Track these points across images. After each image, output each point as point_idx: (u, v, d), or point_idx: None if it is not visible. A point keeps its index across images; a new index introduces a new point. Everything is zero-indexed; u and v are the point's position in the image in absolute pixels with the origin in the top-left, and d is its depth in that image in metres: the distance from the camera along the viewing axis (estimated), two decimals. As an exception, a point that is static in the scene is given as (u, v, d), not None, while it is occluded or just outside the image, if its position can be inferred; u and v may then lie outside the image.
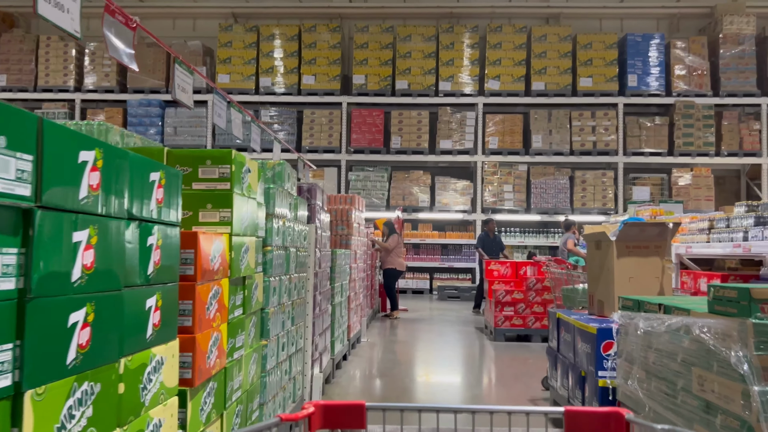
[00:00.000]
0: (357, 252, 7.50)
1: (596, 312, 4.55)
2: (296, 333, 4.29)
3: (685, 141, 14.79)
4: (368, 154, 15.19)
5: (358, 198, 7.70)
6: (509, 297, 8.26)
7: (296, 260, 4.21)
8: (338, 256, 6.10)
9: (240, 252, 2.82)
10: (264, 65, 15.30)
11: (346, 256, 6.66)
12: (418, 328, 9.60)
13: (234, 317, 2.80)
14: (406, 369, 6.64)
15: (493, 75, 15.11)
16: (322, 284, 5.31)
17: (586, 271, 6.25)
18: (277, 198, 3.65)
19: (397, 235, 10.69)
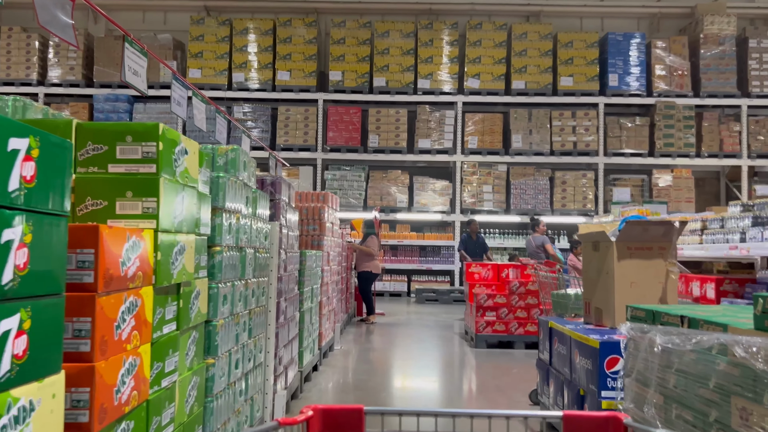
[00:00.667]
0: (330, 253, 6.91)
1: (593, 321, 4.03)
2: (255, 346, 3.69)
3: (665, 142, 14.45)
4: (345, 153, 14.60)
5: (331, 196, 7.11)
6: (491, 301, 7.73)
7: (255, 263, 3.62)
8: (308, 257, 5.51)
9: (171, 253, 2.23)
10: (237, 60, 14.64)
11: (317, 257, 6.08)
12: (396, 333, 9.03)
13: (162, 335, 2.21)
14: (382, 380, 6.07)
15: (472, 73, 14.63)
16: (289, 289, 4.72)
17: (575, 275, 5.74)
18: (228, 189, 3.06)
19: (375, 237, 10.11)
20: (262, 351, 3.88)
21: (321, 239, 6.51)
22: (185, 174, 2.39)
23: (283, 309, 4.45)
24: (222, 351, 3.03)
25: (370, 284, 10.17)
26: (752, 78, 14.48)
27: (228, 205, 3.07)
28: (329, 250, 6.87)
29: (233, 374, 3.23)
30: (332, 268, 7.19)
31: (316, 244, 6.50)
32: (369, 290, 10.20)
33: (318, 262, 6.16)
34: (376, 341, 8.33)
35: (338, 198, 7.51)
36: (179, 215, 2.32)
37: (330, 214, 6.98)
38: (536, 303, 7.70)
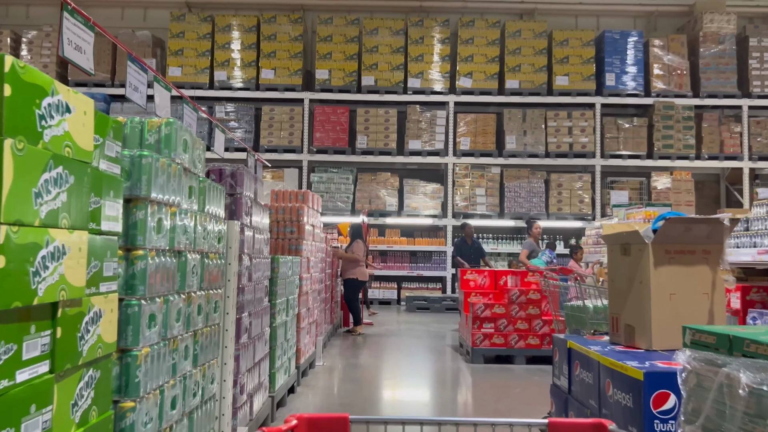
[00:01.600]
0: (311, 259, 6.12)
1: (623, 341, 3.26)
2: (203, 376, 2.89)
3: (664, 143, 13.78)
4: (332, 155, 13.83)
5: (312, 195, 6.32)
6: (489, 312, 6.96)
7: (203, 271, 2.83)
8: (282, 264, 4.71)
9: (30, 258, 1.44)
10: (219, 58, 13.85)
11: (294, 264, 5.28)
12: (384, 346, 8.24)
13: (14, 385, 1.41)
14: (367, 403, 5.27)
15: (464, 72, 13.91)
16: (256, 302, 3.93)
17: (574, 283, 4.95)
18: (157, 174, 2.27)
19: (362, 242, 9.29)
20: (215, 381, 3.07)
21: (300, 243, 5.72)
22: (66, 142, 1.60)
23: (246, 326, 3.66)
24: (148, 389, 2.23)
25: (356, 292, 9.33)
26: (753, 78, 13.85)
27: (157, 195, 2.28)
28: (310, 255, 6.07)
29: (168, 417, 2.43)
30: (313, 276, 6.39)
31: (294, 249, 5.70)
32: (355, 299, 9.36)
33: (295, 269, 5.37)
34: (363, 355, 7.53)
35: (320, 198, 6.73)
36: (51, 202, 1.52)
37: (311, 215, 6.19)
38: (538, 314, 6.94)
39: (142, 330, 2.20)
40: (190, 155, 2.69)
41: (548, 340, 6.93)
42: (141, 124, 2.46)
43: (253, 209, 3.84)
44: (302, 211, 5.75)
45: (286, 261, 4.91)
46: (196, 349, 2.79)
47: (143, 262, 2.19)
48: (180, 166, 2.53)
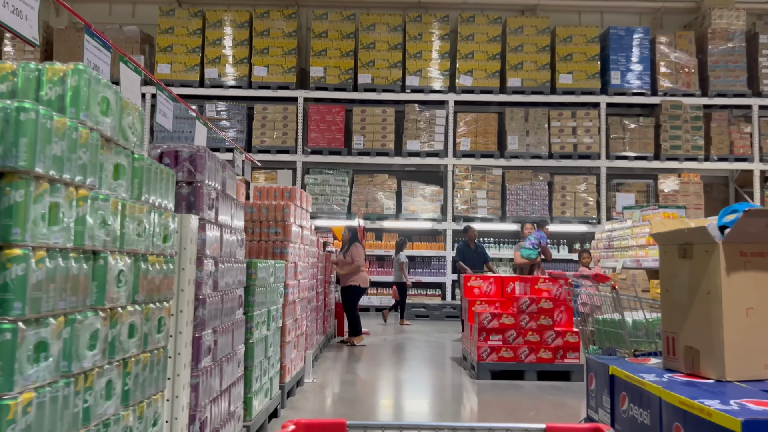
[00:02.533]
0: (299, 264, 5.38)
1: (683, 367, 2.53)
2: (139, 418, 2.15)
3: (672, 144, 13.09)
4: (327, 156, 13.11)
5: (301, 193, 5.59)
6: (496, 322, 6.22)
7: (136, 279, 2.09)
8: (261, 269, 3.98)
9: None
10: (210, 55, 13.14)
11: (278, 270, 4.55)
12: (380, 359, 7.49)
13: None
14: (362, 429, 4.52)
15: (465, 70, 13.21)
16: (225, 315, 3.19)
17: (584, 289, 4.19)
18: (48, 139, 1.55)
19: (360, 245, 8.53)
20: (158, 421, 2.33)
21: (285, 246, 4.98)
22: None
23: (210, 345, 2.91)
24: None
25: (356, 301, 8.54)
26: (763, 76, 13.19)
27: (47, 170, 1.55)
28: (297, 259, 5.34)
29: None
30: (302, 283, 5.66)
31: (280, 253, 4.97)
32: (354, 308, 8.57)
33: (279, 276, 4.63)
34: (357, 371, 6.78)
35: (309, 197, 5.99)
36: None
37: (299, 214, 5.46)
38: (550, 324, 6.20)
39: (21, 366, 1.47)
40: (114, 121, 1.95)
41: (561, 353, 6.20)
42: (38, 72, 1.73)
43: (220, 203, 3.11)
44: (288, 210, 5.02)
45: (267, 266, 4.17)
46: (126, 383, 2.05)
47: (21, 267, 1.46)
48: (94, 132, 1.80)
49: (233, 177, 3.43)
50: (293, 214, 5.13)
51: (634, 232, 7.74)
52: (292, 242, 5.10)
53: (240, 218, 3.63)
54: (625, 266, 7.65)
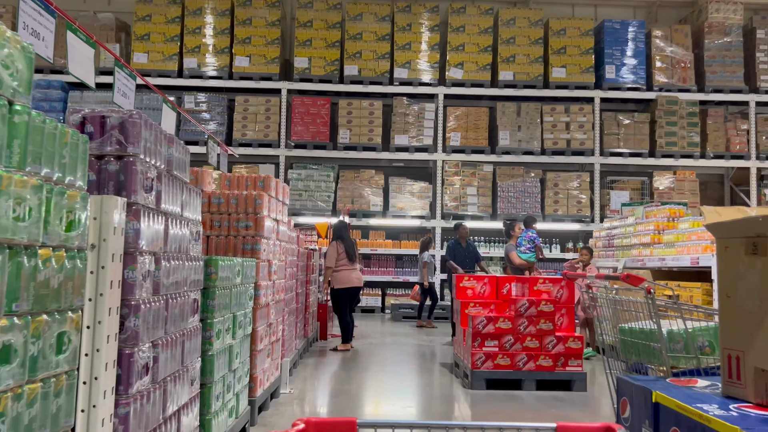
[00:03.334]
0: (273, 263, 4.75)
1: (751, 396, 1.94)
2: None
3: (667, 141, 12.61)
4: (312, 150, 12.47)
5: (277, 183, 4.96)
6: (492, 326, 5.63)
7: (13, 280, 1.46)
8: (223, 268, 3.35)
9: None
10: (189, 44, 12.45)
11: (247, 269, 3.92)
12: (365, 365, 6.88)
13: None
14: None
15: (455, 62, 12.63)
16: (171, 324, 2.57)
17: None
18: None
19: (335, 244, 7.83)
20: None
21: (257, 242, 4.35)
22: None
23: (147, 363, 2.28)
24: None
25: (338, 305, 7.86)
26: (761, 72, 12.73)
27: None
28: (272, 257, 4.71)
29: None
30: (278, 284, 5.02)
31: (251, 249, 4.34)
32: (344, 312, 7.84)
33: (249, 276, 4.00)
34: (339, 379, 6.16)
35: (286, 187, 5.36)
36: None
37: (275, 206, 4.83)
38: (551, 329, 5.62)
39: None
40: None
41: (563, 360, 5.62)
42: None
43: (164, 185, 2.47)
44: (261, 201, 4.38)
45: (232, 264, 3.54)
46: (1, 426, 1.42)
47: None
48: None
49: (184, 155, 2.80)
50: (267, 205, 4.50)
51: (637, 230, 7.19)
52: (265, 238, 4.47)
53: (196, 207, 2.99)
54: (626, 266, 7.10)
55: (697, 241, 5.95)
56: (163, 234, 2.50)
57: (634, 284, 2.56)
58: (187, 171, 2.84)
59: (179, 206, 2.70)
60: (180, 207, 2.71)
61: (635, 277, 2.55)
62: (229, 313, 3.55)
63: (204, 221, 4.39)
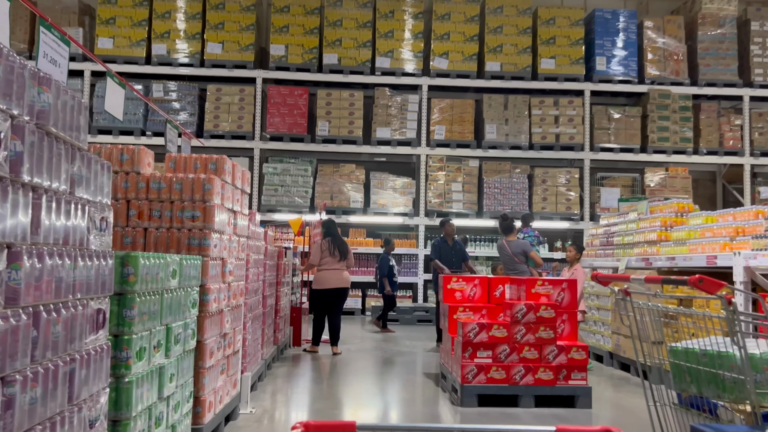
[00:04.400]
0: (228, 261, 3.94)
1: None
2: None
3: (659, 136, 11.98)
4: (288, 143, 11.65)
5: (234, 165, 4.14)
6: (485, 335, 4.87)
7: None
8: (148, 268, 2.54)
9: None
10: (158, 29, 11.55)
11: (189, 269, 3.11)
12: (342, 377, 6.08)
13: None
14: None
15: (440, 52, 11.89)
16: (46, 348, 1.75)
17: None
18: None
19: (326, 241, 7.16)
20: None
21: (206, 236, 3.54)
22: None
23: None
24: None
25: (314, 305, 7.23)
26: (755, 65, 12.17)
27: None
28: (226, 254, 3.89)
29: None
30: (235, 286, 4.21)
31: (198, 245, 3.52)
32: (316, 313, 7.23)
33: (192, 277, 3.19)
34: (311, 394, 5.36)
35: (247, 173, 4.55)
36: None
37: (230, 194, 4.01)
38: (552, 338, 4.88)
39: None
40: None
41: (565, 373, 4.88)
42: None
43: (28, 146, 1.66)
44: (211, 186, 3.57)
45: (161, 263, 2.73)
46: None
47: None
48: None
49: (77, 110, 1.98)
50: (219, 192, 3.69)
51: (640, 227, 6.47)
52: (216, 231, 3.65)
53: (101, 186, 2.18)
54: (629, 266, 6.39)
55: (712, 238, 5.26)
56: (31, 218, 1.69)
57: (710, 291, 1.80)
58: (81, 133, 2.02)
59: (64, 180, 1.88)
60: (66, 182, 1.90)
61: (711, 281, 1.79)
62: (159, 324, 2.74)
63: (140, 211, 3.57)
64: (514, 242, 7.43)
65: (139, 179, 3.59)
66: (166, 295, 2.81)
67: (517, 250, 7.33)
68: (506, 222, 7.51)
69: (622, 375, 6.45)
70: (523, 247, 7.35)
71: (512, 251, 7.30)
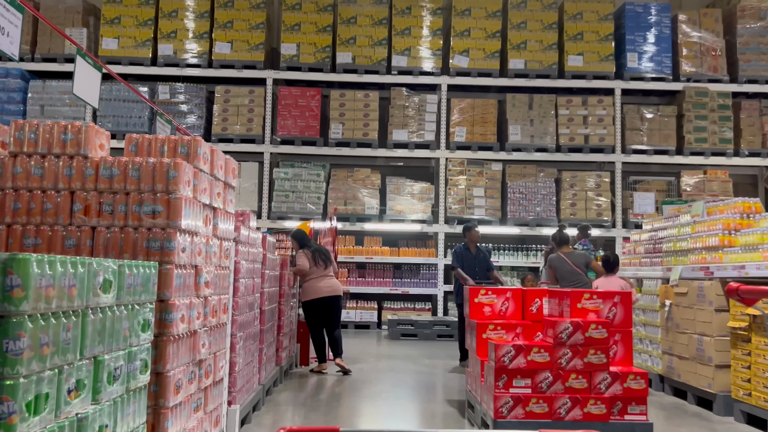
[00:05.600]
0: (202, 269, 3.10)
1: None
2: None
3: (696, 137, 10.98)
4: (300, 146, 10.87)
5: (213, 150, 3.32)
6: (522, 359, 3.97)
7: None
8: (52, 279, 1.71)
9: None
10: (165, 28, 10.89)
11: (138, 279, 2.28)
12: (351, 405, 5.21)
13: None
14: None
15: (460, 49, 11.05)
16: None
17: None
18: None
19: (308, 251, 6.41)
20: None
21: (170, 237, 2.71)
22: None
23: None
24: None
25: (309, 319, 6.45)
26: (799, 60, 11.13)
27: None
28: (200, 261, 3.05)
29: None
30: (215, 300, 3.37)
31: (160, 248, 2.69)
32: (315, 328, 6.47)
33: (143, 290, 2.35)
34: (314, 424, 4.48)
35: (232, 161, 3.72)
36: None
37: (207, 185, 3.19)
38: (604, 363, 3.96)
39: None
40: None
41: (620, 406, 3.95)
42: None
43: None
44: (177, 174, 2.75)
45: (79, 272, 1.89)
46: None
47: None
48: None
49: None
50: (189, 181, 2.86)
51: (697, 230, 5.53)
52: (184, 231, 2.82)
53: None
54: (683, 276, 5.44)
55: (793, 242, 4.32)
56: None
57: None
58: None
59: None
60: None
61: None
62: (79, 358, 1.90)
63: (87, 205, 2.75)
64: (572, 254, 6.58)
65: (87, 165, 2.77)
66: (92, 316, 1.97)
67: (580, 260, 6.46)
68: (562, 234, 6.73)
69: (677, 402, 5.49)
70: (585, 257, 6.53)
71: (574, 262, 6.43)
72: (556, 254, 6.76)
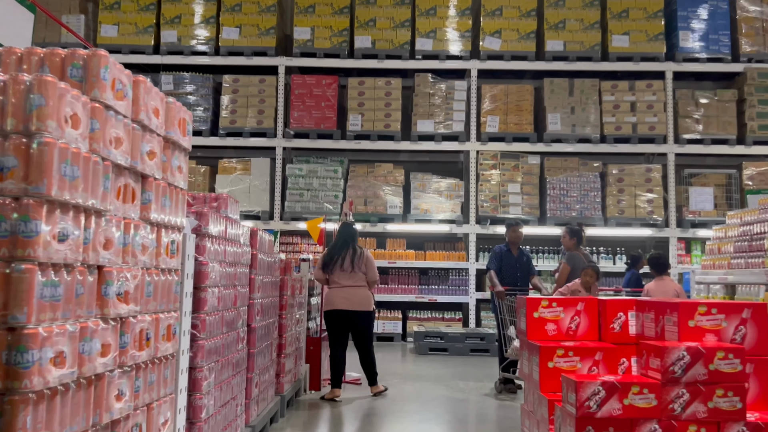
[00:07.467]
0: (121, 276, 1.87)
1: None
2: None
3: (760, 124, 9.52)
4: (315, 140, 9.66)
5: (138, 80, 2.08)
6: (616, 405, 2.64)
7: None
8: None
9: None
10: (168, 13, 9.80)
11: None
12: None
13: None
14: None
15: (491, 30, 9.76)
16: None
17: None
18: None
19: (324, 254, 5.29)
20: None
21: (29, 214, 1.46)
22: None
23: None
24: None
25: (328, 333, 5.27)
26: None
27: None
28: (107, 259, 1.81)
29: None
30: (147, 322, 2.12)
31: (7, 233, 1.44)
32: (330, 345, 5.27)
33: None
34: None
35: (184, 113, 2.49)
36: None
37: (120, 132, 1.94)
38: (738, 409, 2.61)
39: None
40: None
41: (763, 474, 2.59)
42: None
43: None
44: (46, 101, 1.51)
45: None
46: None
47: None
48: None
49: None
50: (70, 115, 1.61)
51: None
52: (63, 203, 1.57)
53: None
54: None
55: None
56: None
57: None
58: None
59: None
60: None
61: None
62: None
63: None
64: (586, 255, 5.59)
65: None
66: None
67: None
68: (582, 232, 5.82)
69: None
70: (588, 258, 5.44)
71: None
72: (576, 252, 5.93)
